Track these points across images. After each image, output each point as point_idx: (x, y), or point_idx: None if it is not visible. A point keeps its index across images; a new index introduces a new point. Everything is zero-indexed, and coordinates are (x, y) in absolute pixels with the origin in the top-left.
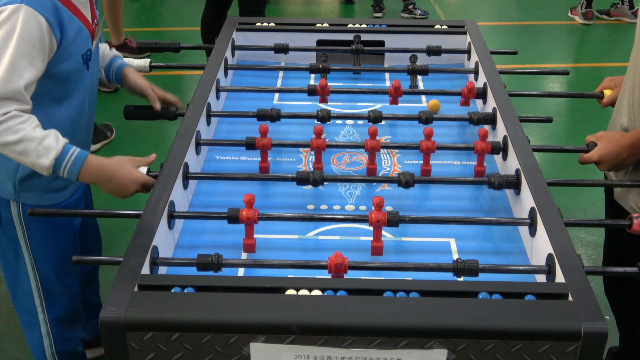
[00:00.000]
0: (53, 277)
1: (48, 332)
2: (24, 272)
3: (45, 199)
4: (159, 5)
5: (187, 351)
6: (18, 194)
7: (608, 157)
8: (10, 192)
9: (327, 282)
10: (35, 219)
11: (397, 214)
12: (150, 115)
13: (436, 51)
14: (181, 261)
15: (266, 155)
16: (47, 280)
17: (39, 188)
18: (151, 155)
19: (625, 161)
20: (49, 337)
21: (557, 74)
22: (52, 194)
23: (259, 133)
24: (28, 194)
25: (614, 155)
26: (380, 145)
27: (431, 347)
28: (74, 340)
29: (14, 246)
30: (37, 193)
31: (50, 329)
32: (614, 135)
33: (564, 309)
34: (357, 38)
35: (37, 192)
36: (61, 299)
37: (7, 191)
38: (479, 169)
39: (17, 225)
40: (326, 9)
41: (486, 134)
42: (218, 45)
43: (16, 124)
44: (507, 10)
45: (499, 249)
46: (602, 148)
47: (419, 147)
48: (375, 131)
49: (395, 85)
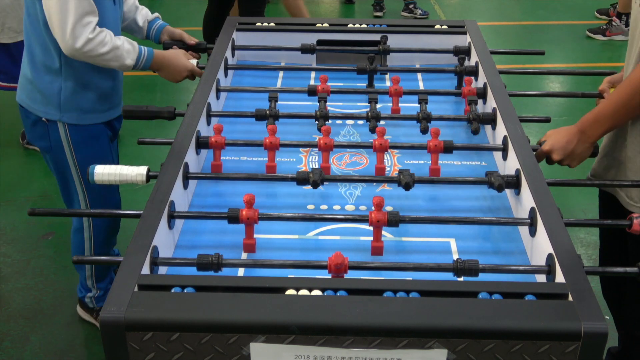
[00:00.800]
0: (98, 194)
1: (90, 236)
2: (73, 187)
3: (87, 118)
4: (159, 5)
5: (187, 351)
6: (62, 113)
7: (558, 145)
8: (55, 113)
9: (327, 282)
10: (80, 138)
11: (397, 214)
12: (149, 115)
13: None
14: (181, 261)
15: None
16: (94, 197)
17: (80, 108)
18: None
19: (577, 149)
20: (90, 240)
21: (557, 74)
22: (93, 114)
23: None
24: (71, 114)
25: (564, 143)
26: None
27: (431, 347)
28: (111, 245)
29: (64, 165)
30: (79, 113)
31: (93, 233)
32: (563, 127)
33: (564, 309)
34: (384, 39)
35: (79, 112)
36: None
37: (52, 113)
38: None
39: (65, 146)
40: (326, 9)
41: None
42: (218, 45)
43: (103, 37)
44: (507, 10)
45: (499, 249)
46: (551, 137)
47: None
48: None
49: (396, 80)
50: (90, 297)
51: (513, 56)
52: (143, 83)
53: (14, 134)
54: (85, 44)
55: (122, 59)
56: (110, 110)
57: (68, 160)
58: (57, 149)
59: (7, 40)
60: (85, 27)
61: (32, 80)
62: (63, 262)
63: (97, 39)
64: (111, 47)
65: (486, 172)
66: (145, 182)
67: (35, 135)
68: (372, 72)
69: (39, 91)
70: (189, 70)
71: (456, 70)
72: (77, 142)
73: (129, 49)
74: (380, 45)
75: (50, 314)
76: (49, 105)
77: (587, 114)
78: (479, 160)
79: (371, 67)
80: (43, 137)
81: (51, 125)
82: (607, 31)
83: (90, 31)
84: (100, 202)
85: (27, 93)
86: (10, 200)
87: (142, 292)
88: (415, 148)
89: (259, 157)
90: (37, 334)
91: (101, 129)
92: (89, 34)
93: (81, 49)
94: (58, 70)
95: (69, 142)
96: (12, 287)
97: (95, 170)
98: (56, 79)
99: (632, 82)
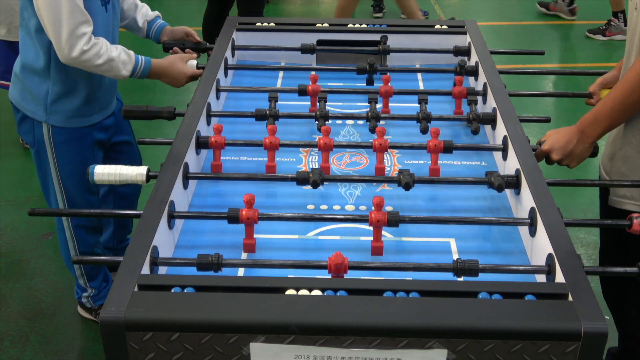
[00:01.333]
0: (75, 192)
1: (72, 235)
2: (52, 186)
3: (72, 122)
4: (158, 5)
5: (187, 351)
6: (48, 116)
7: (558, 145)
8: (41, 114)
9: (327, 282)
10: (63, 139)
11: (397, 214)
12: (149, 115)
13: (463, 51)
14: (181, 261)
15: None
16: (70, 194)
17: (66, 112)
18: (193, 53)
19: (576, 149)
20: (72, 240)
21: (557, 73)
22: (78, 118)
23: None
24: (57, 116)
25: (564, 142)
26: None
27: (431, 347)
28: (94, 244)
29: (45, 163)
30: (64, 116)
31: (74, 233)
32: (563, 127)
33: (564, 309)
34: (384, 39)
35: (65, 116)
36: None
37: (39, 114)
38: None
39: (47, 145)
40: (326, 9)
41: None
42: (218, 45)
43: (98, 49)
44: (507, 10)
45: (499, 249)
46: (550, 137)
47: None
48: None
49: (387, 80)
50: (87, 297)
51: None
52: (143, 83)
53: (14, 134)
54: (81, 55)
55: (118, 70)
56: (95, 114)
57: (49, 159)
58: (39, 146)
59: (15, 38)
60: (80, 38)
61: (22, 79)
62: (63, 262)
63: (92, 50)
64: (106, 59)
65: (486, 172)
66: (145, 182)
67: (23, 130)
68: (372, 72)
69: (28, 91)
70: (187, 77)
71: (456, 71)
72: (58, 143)
73: (125, 59)
74: (380, 45)
75: (50, 314)
76: (38, 106)
77: (586, 114)
78: (479, 160)
79: (371, 68)
80: (29, 133)
81: (37, 123)
82: (607, 31)
83: (85, 42)
84: (80, 203)
85: (18, 91)
86: (10, 200)
87: (142, 292)
88: (415, 148)
89: (259, 157)
90: (37, 334)
91: (86, 132)
92: (83, 46)
93: (77, 58)
94: (47, 73)
95: (51, 143)
96: (12, 287)
97: (95, 170)
98: (44, 81)
99: (629, 79)
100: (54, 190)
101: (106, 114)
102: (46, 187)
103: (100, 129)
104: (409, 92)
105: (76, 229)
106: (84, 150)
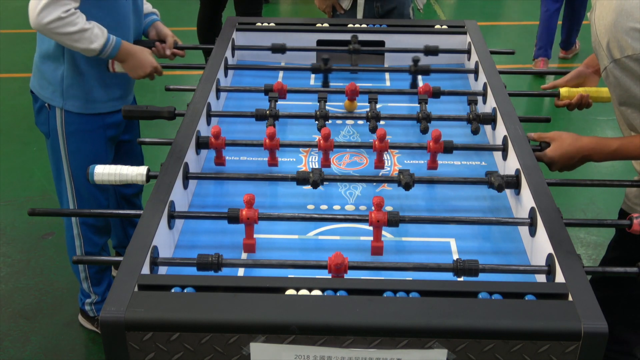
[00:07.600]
0: (85, 188)
1: (79, 234)
2: (63, 180)
3: (88, 107)
4: (158, 4)
5: (187, 351)
6: (65, 100)
7: (562, 160)
8: (58, 100)
9: (327, 282)
10: (74, 129)
11: (397, 214)
12: (149, 115)
13: (433, 51)
14: (181, 261)
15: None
16: (80, 189)
17: (82, 96)
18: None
19: (576, 164)
20: (79, 238)
21: (557, 73)
22: (94, 104)
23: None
24: (74, 101)
25: (568, 157)
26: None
27: (431, 347)
28: (101, 245)
29: (57, 155)
30: (81, 101)
31: (80, 231)
32: (567, 138)
33: (564, 309)
34: (354, 38)
35: (81, 100)
36: (90, 207)
37: (56, 100)
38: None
39: (59, 135)
40: None
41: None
42: (218, 45)
43: (74, 18)
44: (507, 10)
45: (499, 249)
46: (555, 149)
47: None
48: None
49: (351, 88)
50: (90, 304)
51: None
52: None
53: (14, 134)
54: (53, 21)
55: (88, 42)
56: (111, 102)
57: (61, 149)
58: (53, 136)
59: None
60: (59, 7)
61: (40, 67)
62: (63, 262)
63: (67, 19)
64: (79, 28)
65: (486, 172)
66: (145, 182)
67: (39, 120)
68: (327, 71)
69: (45, 78)
70: (153, 67)
71: (410, 70)
72: (70, 132)
73: (98, 33)
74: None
75: (50, 314)
76: (55, 92)
77: (600, 141)
78: (479, 160)
79: (325, 67)
80: (44, 123)
81: (52, 112)
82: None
83: (64, 11)
84: (87, 197)
85: (37, 80)
86: (10, 200)
87: (142, 292)
88: (415, 148)
89: (259, 157)
90: (37, 334)
91: (98, 124)
92: (61, 13)
93: (47, 24)
94: (61, 57)
95: (63, 132)
96: (12, 287)
97: (95, 170)
98: (59, 66)
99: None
100: (65, 185)
101: (122, 104)
102: (59, 179)
103: (111, 125)
104: (410, 92)
105: (83, 227)
106: (95, 143)
